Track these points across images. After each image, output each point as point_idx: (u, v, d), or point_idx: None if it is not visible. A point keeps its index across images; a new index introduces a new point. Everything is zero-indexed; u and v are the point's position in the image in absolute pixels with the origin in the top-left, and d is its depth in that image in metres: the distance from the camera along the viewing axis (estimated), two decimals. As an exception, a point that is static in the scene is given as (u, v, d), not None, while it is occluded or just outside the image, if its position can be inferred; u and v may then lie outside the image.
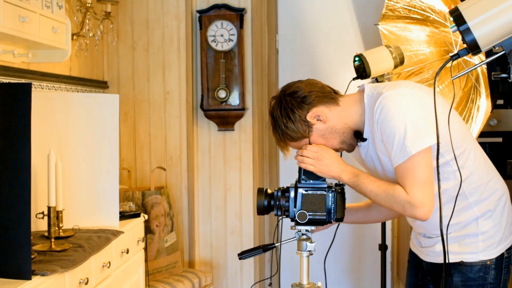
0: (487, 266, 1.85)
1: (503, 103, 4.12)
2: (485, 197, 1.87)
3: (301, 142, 1.88)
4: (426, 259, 1.97)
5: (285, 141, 1.88)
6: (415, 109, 1.74)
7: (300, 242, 1.75)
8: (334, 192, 1.74)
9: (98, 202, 2.59)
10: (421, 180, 1.73)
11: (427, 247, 1.96)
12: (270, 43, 4.21)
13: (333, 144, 1.88)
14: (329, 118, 1.86)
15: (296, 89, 1.86)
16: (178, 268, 3.44)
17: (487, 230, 1.86)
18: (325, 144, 1.87)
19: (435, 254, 1.92)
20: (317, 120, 1.85)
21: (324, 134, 1.86)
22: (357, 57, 2.89)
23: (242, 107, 3.74)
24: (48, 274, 1.86)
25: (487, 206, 1.87)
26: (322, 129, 1.86)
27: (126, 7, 3.72)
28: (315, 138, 1.86)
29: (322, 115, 1.85)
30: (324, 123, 1.85)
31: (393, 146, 1.74)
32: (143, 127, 3.74)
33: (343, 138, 1.88)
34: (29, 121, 1.81)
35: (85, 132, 2.58)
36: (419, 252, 2.02)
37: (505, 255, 1.88)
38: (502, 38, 1.36)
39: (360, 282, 4.29)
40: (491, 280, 1.86)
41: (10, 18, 2.17)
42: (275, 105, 1.87)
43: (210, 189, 3.87)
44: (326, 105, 1.86)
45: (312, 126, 1.85)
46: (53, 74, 3.04)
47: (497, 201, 1.89)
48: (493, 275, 1.86)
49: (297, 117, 1.83)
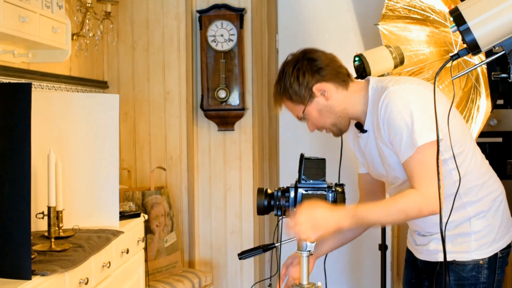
0: (480, 265, 1.85)
1: (503, 103, 4.12)
2: (480, 197, 1.87)
3: (296, 107, 1.88)
4: (420, 257, 1.98)
5: (282, 98, 1.89)
6: (419, 105, 1.74)
7: (300, 242, 1.75)
8: (334, 192, 1.73)
9: (98, 202, 2.59)
10: (432, 172, 1.71)
11: (421, 245, 1.96)
12: (270, 43, 4.21)
13: (325, 122, 1.90)
14: (333, 97, 1.86)
15: (316, 57, 1.86)
16: (178, 268, 3.44)
17: (479, 229, 1.86)
18: (317, 120, 1.89)
19: (428, 252, 1.93)
20: (321, 94, 1.85)
21: (321, 109, 1.87)
22: (357, 57, 2.89)
23: (242, 107, 3.74)
24: (48, 274, 1.86)
25: (481, 207, 1.87)
26: (322, 105, 1.87)
27: (126, 7, 3.72)
28: (311, 109, 1.87)
29: (327, 92, 1.85)
30: (326, 100, 1.86)
31: (401, 140, 1.74)
32: (143, 127, 3.74)
33: (336, 121, 1.90)
34: (29, 121, 1.81)
35: (85, 132, 2.58)
36: (414, 250, 2.02)
37: (499, 255, 1.88)
38: (502, 38, 1.36)
39: (360, 282, 4.29)
40: (483, 279, 1.86)
41: (10, 18, 2.17)
42: (290, 61, 1.87)
43: (210, 189, 3.87)
44: (335, 85, 1.87)
45: (314, 97, 1.85)
46: (53, 74, 3.04)
47: (491, 202, 1.89)
48: (486, 275, 1.86)
49: (305, 82, 1.84)
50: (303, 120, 1.94)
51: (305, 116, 1.90)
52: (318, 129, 1.95)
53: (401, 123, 1.74)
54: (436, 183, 1.69)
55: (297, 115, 1.92)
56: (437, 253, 1.90)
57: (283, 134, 4.34)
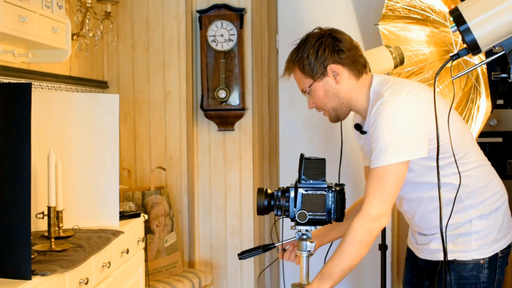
0: (480, 265, 1.86)
1: (503, 103, 4.12)
2: (481, 201, 1.87)
3: (304, 80, 1.89)
4: (421, 256, 1.99)
5: (294, 66, 1.91)
6: (405, 122, 1.75)
7: (300, 242, 1.75)
8: (334, 192, 1.73)
9: (98, 202, 2.59)
10: (388, 192, 1.74)
11: (422, 245, 1.97)
12: (270, 43, 4.21)
13: (326, 104, 1.91)
14: (342, 83, 1.88)
15: (341, 39, 1.88)
16: (178, 268, 3.44)
17: (480, 230, 1.86)
18: (320, 99, 1.90)
19: (429, 251, 1.94)
20: (333, 75, 1.87)
21: (327, 90, 1.88)
22: (357, 57, 2.89)
23: (242, 107, 3.74)
24: (48, 274, 1.86)
25: (482, 210, 1.87)
26: (330, 86, 1.88)
27: (126, 7, 3.72)
28: (318, 87, 1.88)
29: (339, 76, 1.87)
30: (335, 83, 1.88)
31: (375, 149, 1.76)
32: (143, 127, 3.74)
33: (338, 107, 1.91)
34: (29, 121, 1.81)
35: (85, 132, 2.58)
36: (415, 249, 2.03)
37: (499, 255, 1.89)
38: (502, 38, 1.36)
39: (360, 282, 4.29)
40: (484, 279, 1.86)
41: (10, 18, 2.17)
42: (315, 34, 1.88)
43: (210, 189, 3.87)
44: (349, 71, 1.88)
45: (325, 76, 1.87)
46: (53, 74, 3.04)
47: (493, 205, 1.89)
48: (486, 274, 1.86)
49: (322, 58, 1.85)
50: (305, 95, 1.95)
51: (310, 91, 1.91)
52: (317, 108, 1.96)
53: (380, 135, 1.76)
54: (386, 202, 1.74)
55: (302, 87, 1.93)
56: (438, 252, 1.90)
57: (283, 134, 4.34)
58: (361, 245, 1.74)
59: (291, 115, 4.32)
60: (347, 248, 1.74)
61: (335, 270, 1.73)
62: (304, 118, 4.31)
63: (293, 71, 1.92)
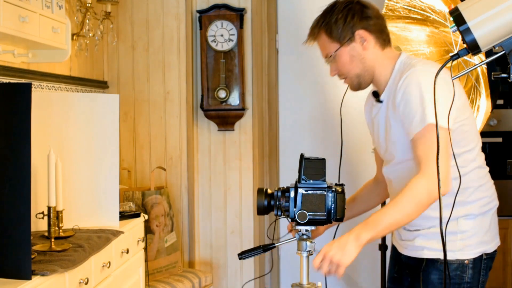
0: (465, 265, 1.85)
1: (503, 103, 4.12)
2: (472, 200, 1.87)
3: (330, 45, 1.88)
4: (403, 252, 1.97)
5: (320, 31, 1.90)
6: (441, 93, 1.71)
7: (300, 242, 1.75)
8: (334, 192, 1.73)
9: (98, 202, 2.59)
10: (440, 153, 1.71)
11: (406, 241, 1.95)
12: (270, 43, 4.21)
13: (351, 70, 1.90)
14: (369, 50, 1.88)
15: (368, 6, 1.89)
16: (178, 268, 3.44)
17: (466, 230, 1.86)
18: (345, 65, 1.88)
19: (413, 248, 1.92)
20: (360, 41, 1.87)
21: (354, 56, 1.88)
22: (357, 57, 2.89)
23: (242, 107, 3.74)
24: (48, 274, 1.86)
25: (470, 210, 1.86)
26: (356, 52, 1.88)
27: (126, 7, 3.72)
28: (344, 52, 1.88)
29: (367, 42, 1.87)
30: (362, 49, 1.88)
31: (415, 116, 1.73)
32: (143, 127, 3.74)
33: (361, 73, 1.90)
34: (29, 121, 1.81)
35: (85, 132, 2.58)
36: (398, 245, 2.02)
37: (484, 257, 1.88)
38: (502, 38, 1.36)
39: (360, 282, 4.29)
40: (468, 279, 1.86)
41: (10, 18, 2.17)
42: (343, 1, 1.89)
43: (210, 189, 3.87)
44: (375, 39, 1.89)
45: (352, 41, 1.87)
46: (53, 74, 3.04)
47: (482, 207, 1.88)
48: (470, 275, 1.86)
49: (351, 23, 1.85)
50: (328, 61, 1.93)
51: (335, 56, 1.89)
52: (339, 75, 1.94)
53: (417, 99, 1.73)
54: (444, 164, 1.68)
55: (327, 52, 1.91)
56: (422, 250, 1.89)
57: (283, 134, 4.34)
58: (417, 205, 1.70)
59: (291, 115, 4.32)
60: (403, 203, 1.69)
61: (382, 221, 1.68)
62: (304, 118, 4.31)
63: (318, 36, 1.92)
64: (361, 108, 1.91)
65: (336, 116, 4.07)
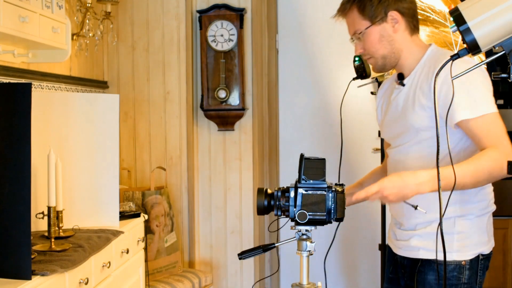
0: (462, 266, 1.84)
1: (503, 103, 4.12)
2: (474, 200, 1.86)
3: (361, 22, 1.87)
4: (398, 253, 1.97)
5: (352, 6, 1.89)
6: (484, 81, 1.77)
7: (300, 242, 1.75)
8: (334, 192, 1.73)
9: (98, 202, 2.59)
10: (504, 134, 1.73)
11: (402, 241, 1.95)
12: (270, 43, 4.21)
13: (378, 50, 1.89)
14: (399, 33, 1.87)
15: None
16: (178, 268, 3.44)
17: (462, 230, 1.85)
18: (373, 44, 1.88)
19: (409, 248, 1.92)
20: (392, 22, 1.86)
21: (383, 36, 1.87)
22: (357, 57, 2.89)
23: (242, 107, 3.74)
24: (48, 274, 1.86)
25: (470, 210, 1.86)
26: (386, 33, 1.87)
27: (126, 7, 3.72)
28: (374, 31, 1.87)
29: (398, 24, 1.86)
30: (393, 31, 1.87)
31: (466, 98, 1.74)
32: (143, 127, 3.74)
33: (388, 55, 1.89)
34: (29, 121, 1.81)
35: (85, 132, 2.58)
36: (393, 246, 2.01)
37: (481, 257, 1.87)
38: (502, 38, 1.36)
39: (360, 282, 4.29)
40: (465, 280, 1.85)
41: (10, 18, 2.17)
42: None
43: (210, 189, 3.87)
44: (406, 23, 1.89)
45: (384, 21, 1.86)
46: (53, 74, 3.04)
47: (481, 210, 1.87)
48: (467, 275, 1.85)
49: (385, 3, 1.85)
50: (356, 38, 1.91)
51: (364, 34, 1.88)
52: (364, 54, 1.93)
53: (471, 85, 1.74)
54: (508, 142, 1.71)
55: (356, 29, 1.89)
56: (418, 250, 1.89)
57: (283, 134, 4.34)
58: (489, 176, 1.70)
59: (291, 115, 4.32)
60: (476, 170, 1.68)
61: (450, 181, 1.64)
62: (304, 118, 4.31)
63: (349, 12, 1.90)
64: (361, 108, 1.92)
65: (336, 116, 4.07)
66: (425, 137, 1.85)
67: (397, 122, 1.93)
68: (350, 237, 4.25)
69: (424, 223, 1.88)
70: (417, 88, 1.85)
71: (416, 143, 1.87)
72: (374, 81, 3.11)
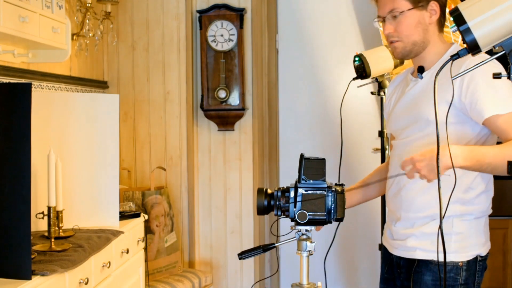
0: (459, 267, 1.84)
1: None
2: (474, 202, 1.85)
3: (402, 2, 1.85)
4: (394, 253, 1.96)
5: None
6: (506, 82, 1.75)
7: (300, 242, 1.75)
8: (334, 192, 1.73)
9: (98, 202, 2.59)
10: None
11: (398, 240, 1.94)
12: (270, 43, 4.21)
13: (410, 35, 1.88)
14: (432, 24, 1.89)
15: None
16: (178, 268, 3.44)
17: (460, 231, 1.84)
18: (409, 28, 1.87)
19: (405, 248, 1.91)
20: (430, 12, 1.87)
21: (419, 22, 1.87)
22: (357, 57, 2.89)
23: (242, 107, 3.74)
24: (48, 274, 1.86)
25: (469, 210, 1.85)
26: (424, 20, 1.88)
27: (126, 7, 3.72)
28: (413, 15, 1.86)
29: (435, 16, 1.88)
30: (429, 20, 1.88)
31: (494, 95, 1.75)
32: (143, 127, 3.74)
33: (419, 43, 1.89)
34: (29, 121, 1.81)
35: (85, 132, 2.59)
36: (389, 246, 2.00)
37: (479, 259, 1.87)
38: (502, 38, 1.36)
39: (360, 282, 4.29)
40: (462, 281, 1.84)
41: (10, 18, 2.17)
42: None
43: (210, 189, 3.87)
44: (439, 18, 1.90)
45: (424, 8, 1.87)
46: (53, 74, 3.04)
47: (480, 213, 1.87)
48: (464, 277, 1.84)
49: None
50: (390, 17, 1.89)
51: (402, 16, 1.86)
52: (392, 36, 1.91)
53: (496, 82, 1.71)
54: None
55: (395, 7, 1.87)
56: (414, 250, 1.88)
57: (283, 134, 4.34)
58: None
59: (291, 115, 4.32)
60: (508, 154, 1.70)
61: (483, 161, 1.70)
62: (304, 118, 4.31)
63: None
64: (361, 108, 1.92)
65: (336, 116, 4.07)
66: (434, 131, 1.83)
67: (408, 113, 1.92)
68: (350, 237, 4.25)
69: (422, 219, 1.87)
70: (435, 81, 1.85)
71: (424, 136, 1.86)
72: (374, 81, 3.11)
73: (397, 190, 1.95)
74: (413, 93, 1.93)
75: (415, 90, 1.93)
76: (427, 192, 1.82)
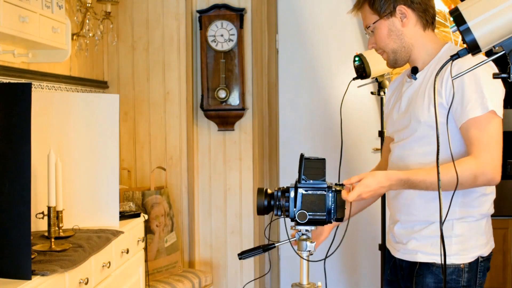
0: (460, 269, 1.83)
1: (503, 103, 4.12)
2: (474, 204, 1.85)
3: (370, 16, 1.89)
4: (396, 255, 1.96)
5: (364, 2, 1.91)
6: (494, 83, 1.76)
7: (300, 242, 1.75)
8: (334, 192, 1.73)
9: (98, 202, 2.59)
10: (494, 142, 1.72)
11: (400, 243, 1.94)
12: (270, 43, 4.21)
13: (387, 44, 1.90)
14: (408, 27, 1.88)
15: None
16: (178, 268, 3.44)
17: (461, 233, 1.84)
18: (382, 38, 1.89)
19: (406, 251, 1.91)
20: (400, 17, 1.87)
21: (392, 31, 1.88)
22: (357, 57, 2.89)
23: (242, 107, 3.74)
24: (48, 274, 1.86)
25: (469, 213, 1.84)
26: (395, 27, 1.88)
27: (126, 7, 3.72)
28: (382, 25, 1.88)
29: (407, 19, 1.87)
30: (401, 25, 1.88)
31: (470, 100, 1.74)
32: (143, 127, 3.74)
33: (398, 50, 1.90)
34: (29, 121, 1.81)
35: (85, 132, 2.59)
36: (391, 248, 2.00)
37: (480, 260, 1.86)
38: (502, 38, 1.36)
39: (360, 282, 4.29)
40: (464, 283, 1.84)
41: (10, 18, 2.17)
42: None
43: (210, 189, 3.87)
44: (417, 18, 1.89)
45: (392, 15, 1.87)
46: (53, 74, 3.04)
47: (481, 215, 1.86)
48: (466, 278, 1.84)
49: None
50: (368, 33, 1.94)
51: (373, 29, 1.90)
52: (377, 49, 1.94)
53: (472, 86, 1.73)
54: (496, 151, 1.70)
55: (366, 24, 1.92)
56: (416, 253, 1.88)
57: (283, 134, 4.34)
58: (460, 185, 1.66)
59: (291, 115, 4.32)
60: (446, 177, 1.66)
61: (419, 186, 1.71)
62: (304, 118, 4.31)
63: (362, 6, 1.92)
64: (361, 108, 1.92)
65: (336, 116, 4.07)
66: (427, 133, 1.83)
67: (403, 115, 1.93)
68: (350, 238, 4.25)
69: (422, 223, 1.87)
70: (428, 83, 1.85)
71: (419, 139, 1.86)
72: (374, 81, 3.11)
73: (396, 193, 1.95)
74: (407, 95, 1.94)
75: (409, 92, 1.93)
76: (427, 195, 1.82)
